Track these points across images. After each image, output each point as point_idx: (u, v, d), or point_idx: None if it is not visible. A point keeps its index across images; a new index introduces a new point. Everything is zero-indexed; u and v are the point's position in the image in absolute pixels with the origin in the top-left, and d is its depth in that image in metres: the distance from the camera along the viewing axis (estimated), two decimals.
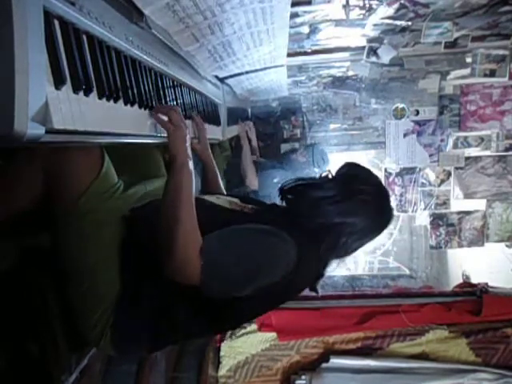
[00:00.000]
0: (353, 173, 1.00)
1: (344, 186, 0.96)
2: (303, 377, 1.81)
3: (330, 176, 1.01)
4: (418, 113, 3.07)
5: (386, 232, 1.05)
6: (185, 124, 0.91)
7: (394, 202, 3.15)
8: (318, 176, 1.03)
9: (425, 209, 3.14)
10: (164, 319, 0.91)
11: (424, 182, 3.14)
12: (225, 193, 1.29)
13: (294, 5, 1.67)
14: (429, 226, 3.13)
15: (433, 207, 3.13)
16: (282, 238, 0.87)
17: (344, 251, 0.97)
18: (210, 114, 1.62)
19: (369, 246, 1.03)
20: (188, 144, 0.90)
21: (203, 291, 0.83)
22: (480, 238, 3.06)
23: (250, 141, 2.67)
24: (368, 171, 1.02)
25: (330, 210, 0.93)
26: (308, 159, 2.74)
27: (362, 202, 0.94)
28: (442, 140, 3.07)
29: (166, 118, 0.91)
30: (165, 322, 0.92)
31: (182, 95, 1.21)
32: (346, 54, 2.77)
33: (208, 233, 0.86)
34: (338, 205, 0.93)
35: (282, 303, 1.07)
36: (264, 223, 0.90)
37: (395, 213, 3.21)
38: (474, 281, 2.28)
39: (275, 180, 2.55)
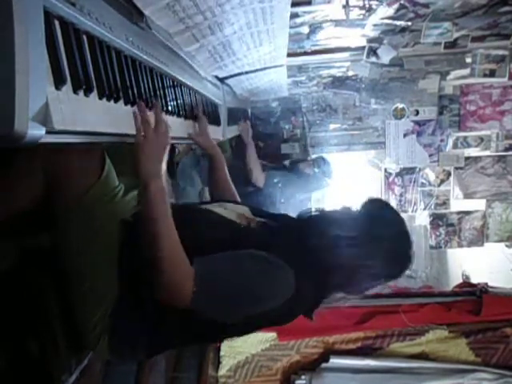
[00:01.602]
0: (379, 214, 0.94)
1: (367, 228, 0.90)
2: (303, 377, 1.82)
3: (353, 210, 0.96)
4: (417, 113, 3.08)
5: None
6: (158, 139, 0.81)
7: (393, 202, 3.16)
8: (339, 208, 0.98)
9: (425, 209, 3.14)
10: (160, 324, 0.91)
11: (424, 181, 3.14)
12: (233, 188, 1.26)
13: (294, 5, 1.67)
14: (429, 226, 3.14)
15: (433, 207, 3.13)
16: (281, 269, 0.84)
17: (352, 290, 0.95)
18: (210, 114, 1.61)
19: None
20: (158, 160, 0.80)
21: (194, 313, 0.81)
22: (480, 237, 3.06)
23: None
24: (395, 214, 0.98)
25: (347, 252, 0.88)
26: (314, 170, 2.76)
27: (382, 249, 0.89)
28: (441, 140, 3.08)
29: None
30: (161, 328, 0.91)
31: (182, 95, 1.21)
32: (346, 54, 2.77)
33: (210, 247, 0.83)
34: (357, 248, 0.88)
35: (273, 326, 1.04)
36: (268, 246, 0.87)
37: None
38: (473, 281, 2.28)
39: (277, 181, 2.56)
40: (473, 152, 3.05)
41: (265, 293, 0.85)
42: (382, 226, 0.91)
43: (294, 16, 2.07)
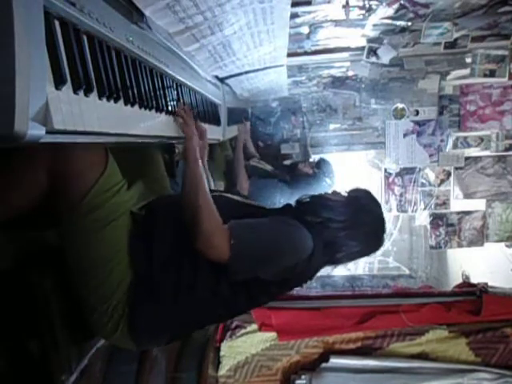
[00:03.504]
0: (363, 202, 1.12)
1: (354, 214, 1.09)
2: (303, 376, 1.81)
3: (342, 194, 1.14)
4: (417, 113, 3.07)
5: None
6: (196, 134, 1.11)
7: (394, 202, 3.16)
8: (330, 192, 1.16)
9: (424, 209, 3.14)
10: (179, 307, 0.96)
11: (424, 182, 3.14)
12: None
13: (294, 5, 1.67)
14: (429, 226, 3.13)
15: (433, 207, 3.13)
16: (301, 228, 1.01)
17: (334, 263, 1.14)
18: (210, 114, 1.62)
19: None
20: (197, 146, 1.08)
21: (229, 268, 0.92)
22: (480, 237, 3.06)
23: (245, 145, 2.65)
24: (375, 203, 1.15)
25: (336, 231, 1.07)
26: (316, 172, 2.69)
27: (364, 232, 1.09)
28: (441, 140, 3.07)
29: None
30: (180, 311, 0.96)
31: (182, 95, 1.21)
32: (345, 54, 2.77)
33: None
34: (345, 230, 1.07)
35: (285, 292, 1.21)
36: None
37: (395, 213, 3.22)
38: (473, 281, 2.28)
39: (269, 191, 2.51)
40: (473, 152, 3.04)
41: (291, 246, 1.00)
42: (366, 214, 1.10)
43: (294, 16, 2.07)
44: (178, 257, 0.95)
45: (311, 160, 3.05)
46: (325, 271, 1.15)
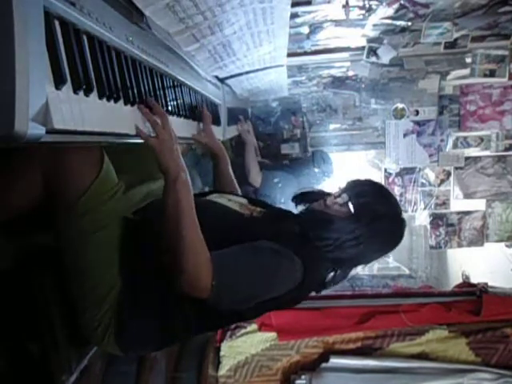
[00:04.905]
0: (377, 206, 1.01)
1: (366, 225, 0.97)
2: (303, 377, 1.81)
3: (342, 190, 1.03)
4: (417, 113, 3.07)
5: None
6: (170, 134, 0.85)
7: None
8: (329, 188, 1.08)
9: (424, 209, 3.14)
10: (167, 317, 0.93)
11: (424, 181, 3.14)
12: (238, 189, 1.31)
13: (294, 5, 1.67)
14: (429, 226, 3.13)
15: (432, 207, 3.13)
16: (290, 258, 0.91)
17: (353, 267, 1.10)
18: (210, 114, 1.61)
19: None
20: (177, 154, 0.85)
21: (211, 304, 0.85)
22: (480, 237, 3.06)
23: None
24: (386, 199, 1.05)
25: (351, 250, 0.98)
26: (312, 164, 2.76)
27: (382, 241, 1.02)
28: (441, 140, 3.08)
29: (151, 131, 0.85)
30: (168, 321, 0.94)
31: (182, 95, 1.21)
32: (345, 54, 2.78)
33: (219, 238, 0.88)
34: (359, 246, 0.97)
35: (281, 309, 1.16)
36: (272, 235, 0.93)
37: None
38: (473, 281, 2.28)
39: (276, 181, 2.56)
40: (473, 152, 3.04)
41: (276, 280, 0.92)
42: (382, 218, 1.00)
43: (294, 16, 2.07)
44: (165, 269, 0.90)
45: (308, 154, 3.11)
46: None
